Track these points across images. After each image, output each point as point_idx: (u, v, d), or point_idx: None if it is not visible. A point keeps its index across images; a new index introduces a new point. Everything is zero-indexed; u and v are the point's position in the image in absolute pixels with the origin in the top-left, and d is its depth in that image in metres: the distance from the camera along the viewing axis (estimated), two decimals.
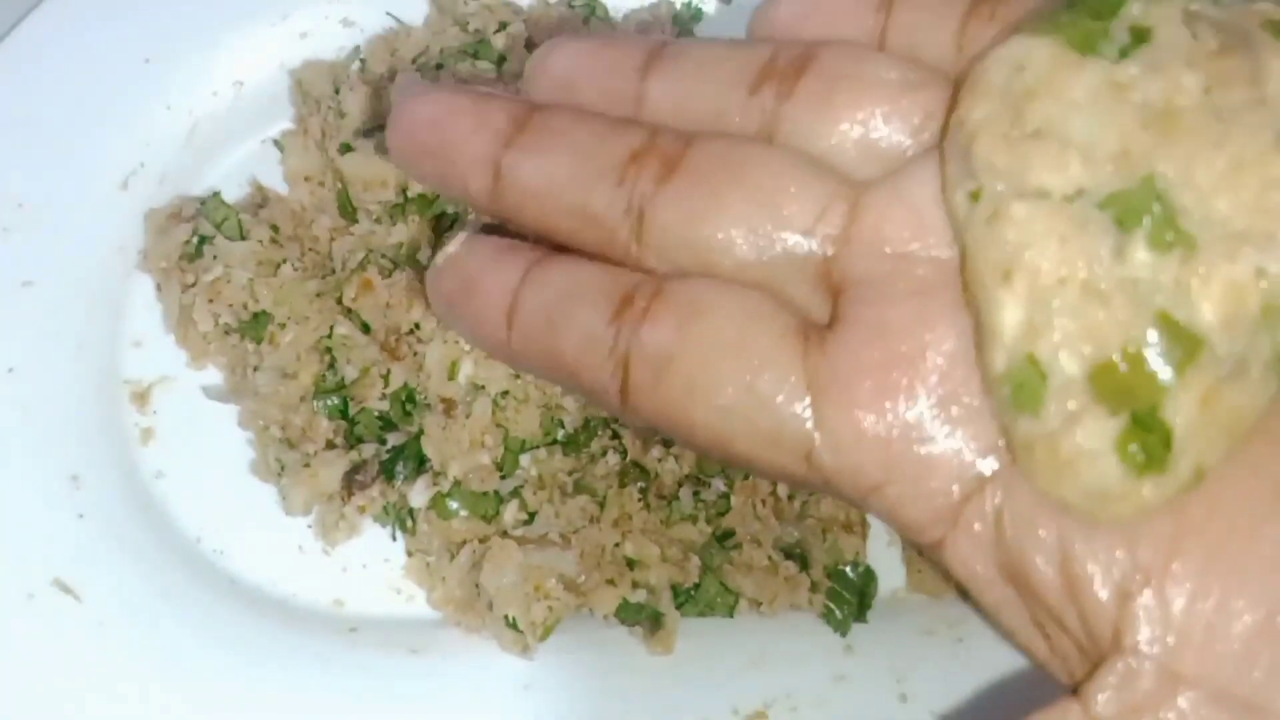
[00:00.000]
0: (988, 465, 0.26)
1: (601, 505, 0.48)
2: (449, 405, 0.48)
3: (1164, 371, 0.25)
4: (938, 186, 0.27)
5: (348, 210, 0.53)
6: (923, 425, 0.26)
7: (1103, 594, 0.25)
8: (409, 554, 0.49)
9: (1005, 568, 0.26)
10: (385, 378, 0.49)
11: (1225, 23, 0.27)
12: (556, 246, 0.30)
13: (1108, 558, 0.25)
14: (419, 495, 0.48)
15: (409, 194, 0.51)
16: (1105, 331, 0.25)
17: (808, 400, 0.26)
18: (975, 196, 0.26)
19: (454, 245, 0.30)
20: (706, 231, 0.28)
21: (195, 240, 0.52)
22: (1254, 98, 0.26)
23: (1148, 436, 0.25)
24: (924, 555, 0.28)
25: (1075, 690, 0.26)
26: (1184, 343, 0.25)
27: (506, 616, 0.46)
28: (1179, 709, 0.25)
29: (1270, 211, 0.25)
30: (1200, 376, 0.25)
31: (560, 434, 0.49)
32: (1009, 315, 0.26)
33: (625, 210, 0.28)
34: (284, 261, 0.52)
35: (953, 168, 0.27)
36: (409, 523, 0.49)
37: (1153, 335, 0.25)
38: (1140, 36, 0.27)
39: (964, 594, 0.49)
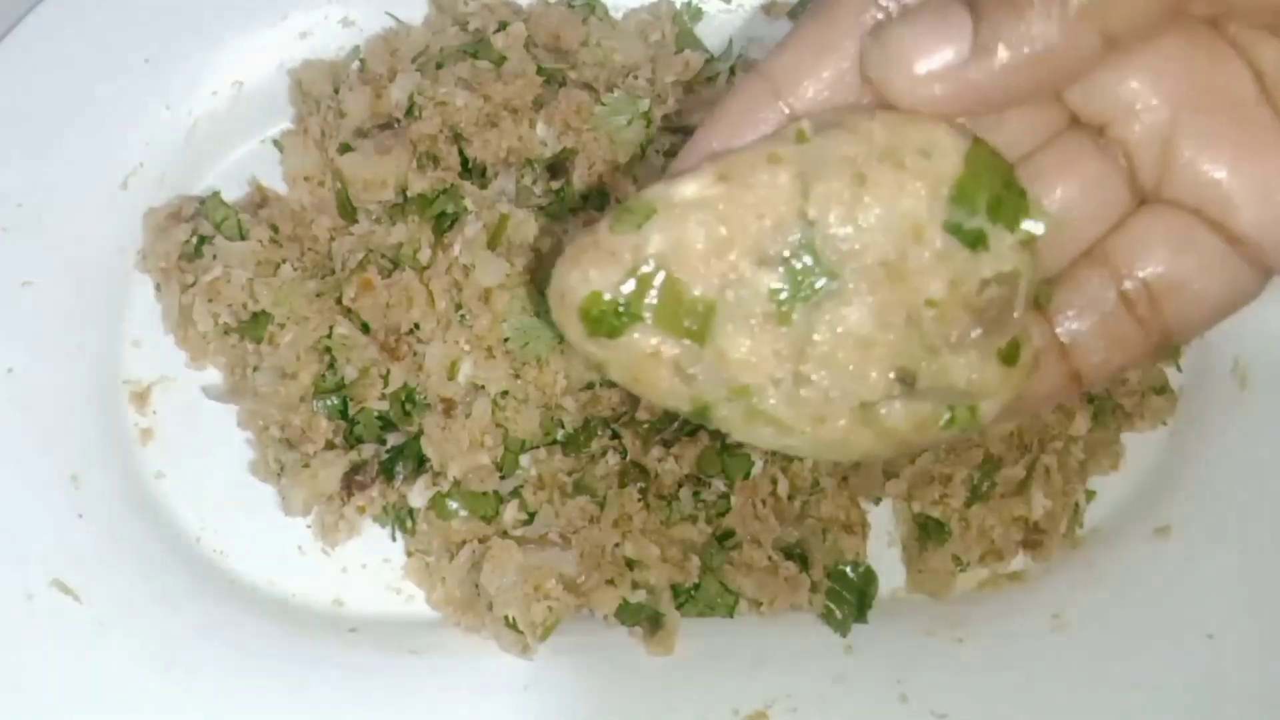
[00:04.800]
0: None
1: (601, 505, 0.48)
2: (448, 405, 0.48)
3: None
4: None
5: (347, 210, 0.52)
6: None
7: None
8: (409, 554, 0.49)
9: None
10: (385, 378, 0.49)
11: None
12: None
13: None
14: (418, 495, 0.48)
15: (408, 194, 0.51)
16: None
17: None
18: None
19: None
20: None
21: (195, 240, 0.52)
22: None
23: None
24: None
25: None
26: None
27: (506, 617, 0.45)
28: None
29: None
30: None
31: (560, 434, 0.49)
32: None
33: None
34: (283, 261, 0.51)
35: None
36: (409, 523, 0.49)
37: None
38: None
39: None
